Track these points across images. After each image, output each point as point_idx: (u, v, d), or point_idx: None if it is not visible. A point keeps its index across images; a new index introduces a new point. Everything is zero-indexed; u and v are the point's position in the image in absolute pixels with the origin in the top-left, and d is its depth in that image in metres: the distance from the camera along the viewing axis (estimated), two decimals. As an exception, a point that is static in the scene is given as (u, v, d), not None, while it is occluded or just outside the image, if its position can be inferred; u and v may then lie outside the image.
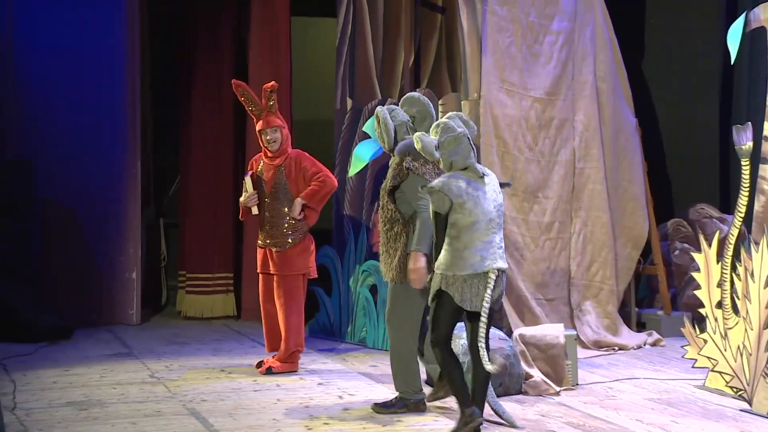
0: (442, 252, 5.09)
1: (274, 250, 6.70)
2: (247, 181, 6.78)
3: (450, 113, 5.37)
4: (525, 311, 7.37)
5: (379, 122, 5.70)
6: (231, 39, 9.53)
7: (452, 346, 5.20)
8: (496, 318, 7.25)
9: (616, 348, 7.60)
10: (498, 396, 5.95)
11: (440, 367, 5.22)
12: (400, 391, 5.70)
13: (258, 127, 6.79)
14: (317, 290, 8.13)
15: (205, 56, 9.49)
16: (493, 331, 6.17)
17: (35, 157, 8.64)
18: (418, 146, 5.15)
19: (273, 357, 6.82)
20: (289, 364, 6.73)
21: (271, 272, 6.76)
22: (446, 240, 5.08)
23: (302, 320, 6.76)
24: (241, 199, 6.80)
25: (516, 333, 6.49)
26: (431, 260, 5.30)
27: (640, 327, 8.23)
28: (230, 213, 9.47)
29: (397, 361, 5.67)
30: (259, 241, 6.83)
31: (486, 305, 5.00)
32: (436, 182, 5.11)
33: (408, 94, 5.95)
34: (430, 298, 5.17)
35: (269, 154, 6.78)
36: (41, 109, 8.73)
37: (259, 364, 6.84)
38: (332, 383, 6.49)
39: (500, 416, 5.44)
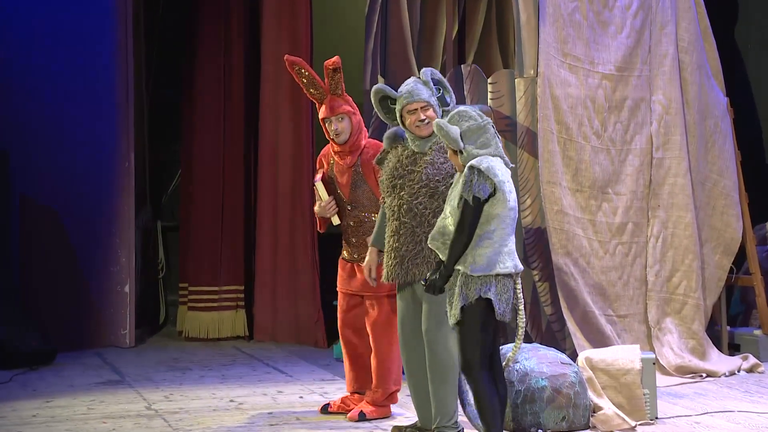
0: (476, 248, 5.07)
1: (362, 265, 6.33)
2: (319, 187, 6.44)
3: (464, 107, 5.40)
4: (592, 330, 7.33)
5: (425, 84, 5.73)
6: (242, 7, 9.58)
7: (506, 372, 5.18)
8: (558, 338, 7.24)
9: (704, 375, 7.55)
10: (561, 432, 5.96)
11: (476, 400, 5.13)
12: (437, 421, 5.67)
13: (321, 114, 6.45)
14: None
15: (211, 29, 9.55)
16: (554, 354, 6.17)
17: (11, 148, 8.69)
18: (440, 133, 5.19)
19: (347, 397, 6.58)
20: (384, 408, 6.44)
21: (358, 293, 6.46)
22: (478, 234, 5.08)
23: (398, 352, 6.28)
24: (316, 208, 6.49)
25: (582, 356, 6.46)
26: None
27: (733, 349, 8.17)
28: (240, 214, 9.52)
29: (441, 383, 5.64)
30: (345, 254, 6.54)
31: (522, 315, 5.11)
32: (479, 162, 5.11)
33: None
34: (456, 310, 5.08)
35: (337, 149, 6.45)
36: (17, 92, 8.80)
37: (324, 408, 6.55)
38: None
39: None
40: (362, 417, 6.33)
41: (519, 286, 5.14)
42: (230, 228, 9.48)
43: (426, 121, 5.70)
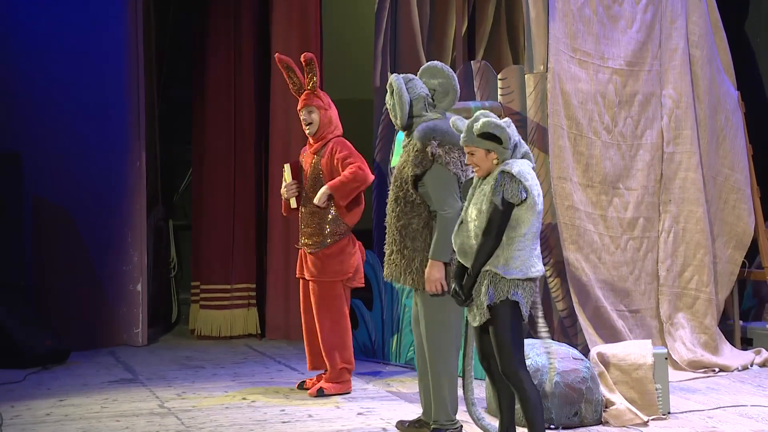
0: (508, 251, 5.07)
1: (307, 251, 6.98)
2: (286, 169, 7.11)
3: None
4: (604, 325, 7.35)
5: (392, 92, 5.75)
6: (252, 7, 9.61)
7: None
8: (570, 334, 7.25)
9: (717, 369, 7.57)
10: (573, 427, 5.95)
11: (522, 400, 5.08)
12: (435, 420, 5.72)
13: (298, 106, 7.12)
14: (355, 303, 8.17)
15: (221, 28, 9.58)
16: (566, 349, 6.20)
17: (23, 150, 8.72)
18: (498, 131, 5.10)
19: (320, 376, 7.09)
20: (340, 385, 6.98)
21: (306, 277, 7.03)
22: (510, 237, 5.07)
23: (345, 334, 6.97)
24: (281, 189, 7.15)
25: (594, 351, 6.48)
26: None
27: (746, 344, 8.19)
28: (252, 213, 9.55)
29: (440, 386, 5.68)
30: (299, 242, 7.12)
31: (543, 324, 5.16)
32: (510, 166, 5.10)
33: (429, 63, 5.99)
34: (483, 310, 5.09)
35: (309, 140, 7.07)
36: (29, 94, 8.82)
37: (301, 385, 7.13)
38: (374, 412, 6.52)
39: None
40: (320, 393, 6.89)
41: (536, 289, 5.20)
42: (242, 226, 9.51)
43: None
